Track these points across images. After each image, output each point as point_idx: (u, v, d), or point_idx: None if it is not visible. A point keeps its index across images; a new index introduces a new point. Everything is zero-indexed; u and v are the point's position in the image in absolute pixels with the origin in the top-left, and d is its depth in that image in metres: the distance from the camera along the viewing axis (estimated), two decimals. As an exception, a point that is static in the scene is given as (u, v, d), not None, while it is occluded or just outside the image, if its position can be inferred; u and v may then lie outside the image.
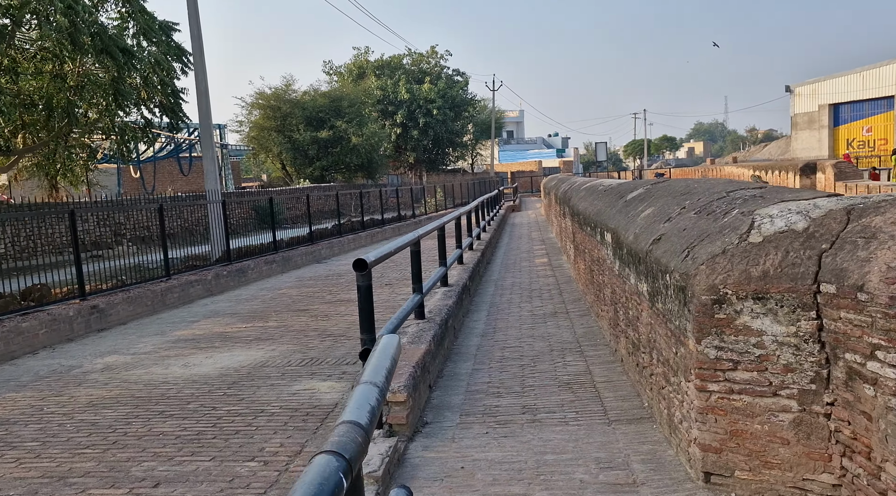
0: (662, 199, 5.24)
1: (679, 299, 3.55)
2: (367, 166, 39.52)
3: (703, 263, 3.34)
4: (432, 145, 49.57)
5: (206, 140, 13.93)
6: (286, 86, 38.23)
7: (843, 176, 23.83)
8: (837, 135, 49.62)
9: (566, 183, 14.77)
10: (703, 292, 3.23)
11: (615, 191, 7.34)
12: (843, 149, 48.79)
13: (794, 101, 52.32)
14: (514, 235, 18.85)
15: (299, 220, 22.29)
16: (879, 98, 46.13)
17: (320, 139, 36.57)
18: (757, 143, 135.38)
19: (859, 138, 48.24)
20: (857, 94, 47.34)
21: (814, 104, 50.75)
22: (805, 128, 51.56)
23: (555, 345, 6.38)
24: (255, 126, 38.04)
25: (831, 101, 49.24)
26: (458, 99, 49.13)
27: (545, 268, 11.61)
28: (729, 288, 3.15)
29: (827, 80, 49.82)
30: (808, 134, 51.33)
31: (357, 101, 39.22)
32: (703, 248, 3.47)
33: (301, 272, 14.12)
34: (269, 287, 12.16)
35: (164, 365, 6.73)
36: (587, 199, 8.83)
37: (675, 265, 3.65)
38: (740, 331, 3.13)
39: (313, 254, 15.99)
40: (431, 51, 50.18)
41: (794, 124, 52.71)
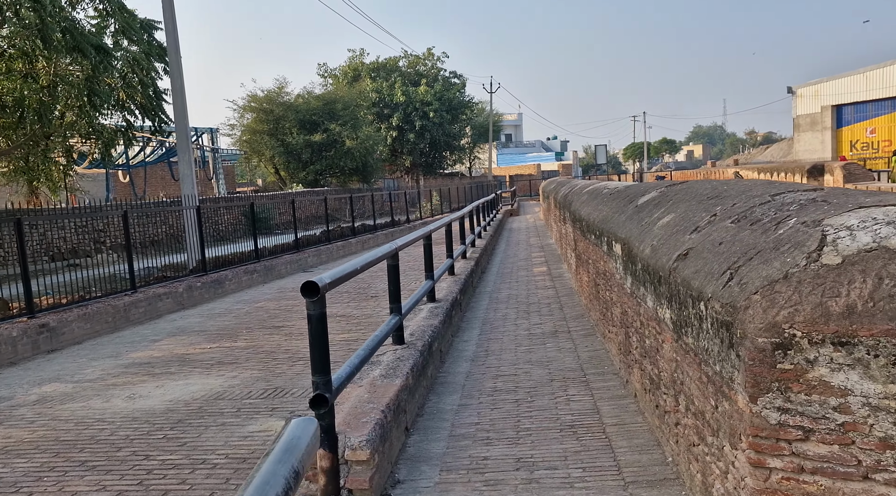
0: (684, 204, 4.38)
1: (721, 337, 2.68)
2: (362, 170, 38.69)
3: (756, 292, 2.47)
4: (429, 148, 48.73)
5: (182, 142, 13.07)
6: (279, 88, 37.42)
7: (853, 178, 22.98)
8: (841, 136, 48.86)
9: (566, 186, 13.91)
10: (760, 332, 2.36)
11: (623, 194, 6.47)
12: (847, 150, 48.02)
13: (796, 103, 51.52)
14: (512, 241, 17.98)
15: (291, 227, 21.45)
16: (884, 99, 45.38)
17: (314, 142, 35.75)
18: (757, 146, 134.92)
19: (863, 140, 47.49)
20: (861, 95, 46.57)
21: (816, 105, 49.97)
22: (808, 129, 50.76)
23: (555, 374, 5.50)
24: (247, 129, 37.22)
25: (834, 103, 48.49)
26: (456, 101, 48.30)
27: (544, 279, 10.73)
28: (797, 328, 2.28)
29: (830, 81, 49.07)
30: (811, 136, 50.54)
31: (351, 104, 38.39)
32: (755, 271, 2.59)
33: (284, 282, 13.24)
34: (246, 299, 11.28)
35: (107, 396, 5.85)
36: (590, 203, 7.97)
37: (714, 291, 2.78)
38: (814, 389, 2.26)
39: (299, 262, 15.11)
40: (428, 53, 49.39)
41: (796, 126, 51.90)
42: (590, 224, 7.15)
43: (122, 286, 9.95)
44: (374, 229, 20.96)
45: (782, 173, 27.60)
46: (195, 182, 13.24)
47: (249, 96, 36.94)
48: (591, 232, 6.94)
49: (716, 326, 2.75)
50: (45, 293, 9.41)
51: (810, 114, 50.52)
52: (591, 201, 8.00)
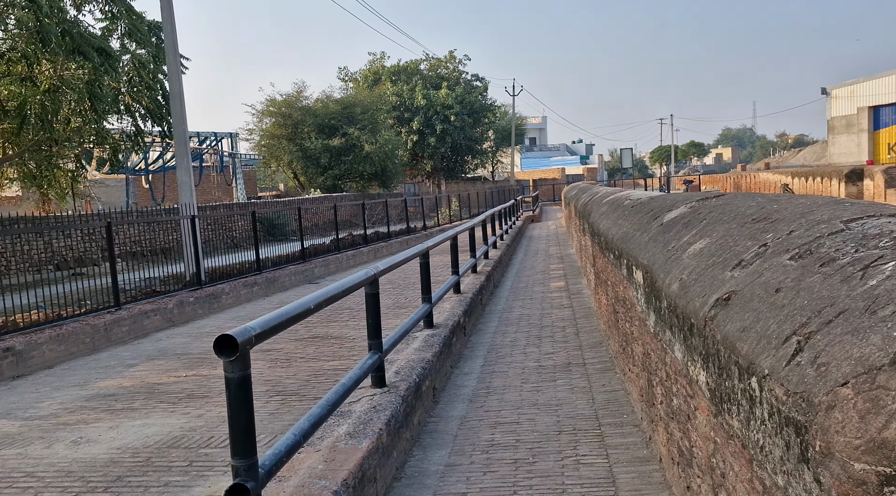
0: (721, 227, 3.50)
1: (787, 440, 1.82)
2: (382, 175, 38.05)
3: (845, 382, 1.60)
4: (450, 153, 47.98)
5: (181, 147, 12.44)
6: (298, 92, 36.99)
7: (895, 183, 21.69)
8: (878, 139, 47.00)
9: (587, 194, 12.99)
10: (857, 453, 1.50)
11: (646, 208, 5.59)
12: (885, 153, 46.20)
13: (830, 104, 49.75)
14: (530, 251, 17.08)
15: (307, 233, 20.77)
16: (923, 99, 43.53)
17: (332, 147, 35.20)
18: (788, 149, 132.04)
19: (902, 142, 45.60)
20: (900, 95, 44.71)
21: (852, 107, 48.17)
22: (843, 132, 48.96)
23: (565, 423, 4.64)
24: (266, 134, 36.85)
25: (871, 104, 46.67)
26: (477, 105, 47.49)
27: (561, 296, 9.84)
28: (922, 454, 1.42)
29: (866, 81, 47.27)
30: (847, 138, 48.73)
31: (371, 108, 37.82)
32: (839, 345, 1.73)
33: (286, 295, 12.53)
34: (243, 315, 10.56)
35: (51, 440, 5.12)
36: (610, 216, 7.08)
37: (774, 368, 1.92)
38: (952, 556, 1.40)
39: (304, 273, 14.40)
40: (450, 55, 48.71)
41: (830, 128, 50.11)
42: (608, 241, 6.27)
43: (105, 302, 9.29)
44: (387, 237, 20.21)
45: (817, 178, 26.30)
46: (193, 189, 12.61)
47: (268, 100, 36.58)
48: (610, 250, 6.06)
49: (778, 420, 1.88)
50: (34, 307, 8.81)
51: (845, 116, 48.73)
52: (611, 213, 7.12)
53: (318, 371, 6.74)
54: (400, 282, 12.16)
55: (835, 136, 49.67)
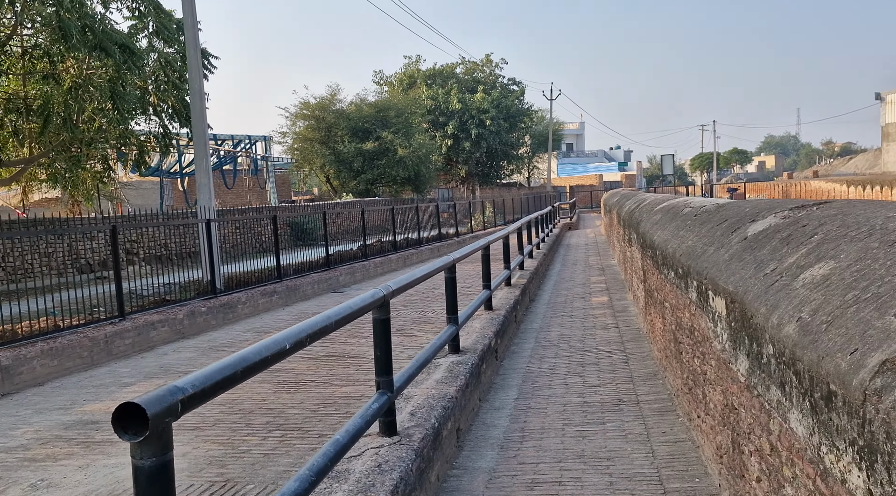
0: (850, 246, 2.54)
1: None
2: (415, 180, 37.36)
3: None
4: (485, 158, 47.10)
5: (200, 147, 11.80)
6: (331, 95, 36.52)
7: (966, 192, 20.06)
8: (937, 146, 44.68)
9: (631, 200, 11.97)
10: None
11: (718, 217, 4.62)
12: (944, 162, 43.85)
13: (885, 110, 47.51)
14: (569, 261, 16.07)
15: (339, 238, 20.06)
16: None
17: (365, 151, 34.63)
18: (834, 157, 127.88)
19: (963, 150, 43.23)
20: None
21: (909, 112, 45.91)
22: (898, 139, 46.71)
23: (620, 486, 3.71)
24: (299, 137, 36.46)
25: (930, 109, 44.41)
26: (514, 109, 46.52)
27: (604, 313, 8.86)
28: None
29: (924, 85, 44.91)
30: (903, 145, 46.44)
31: (405, 111, 37.19)
32: None
33: (307, 305, 11.78)
34: (257, 328, 9.83)
35: (8, 481, 4.38)
36: (666, 226, 6.11)
37: None
38: None
39: (328, 281, 13.64)
40: (486, 59, 47.86)
41: (885, 135, 47.87)
42: (666, 255, 5.31)
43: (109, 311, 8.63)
44: (418, 244, 19.40)
45: (876, 186, 24.69)
46: (212, 192, 11.95)
47: (301, 103, 36.16)
48: (669, 267, 5.09)
49: None
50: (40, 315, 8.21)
51: (902, 122, 46.46)
52: (668, 223, 6.14)
53: (327, 399, 5.92)
54: (428, 294, 11.31)
55: (890, 144, 47.41)
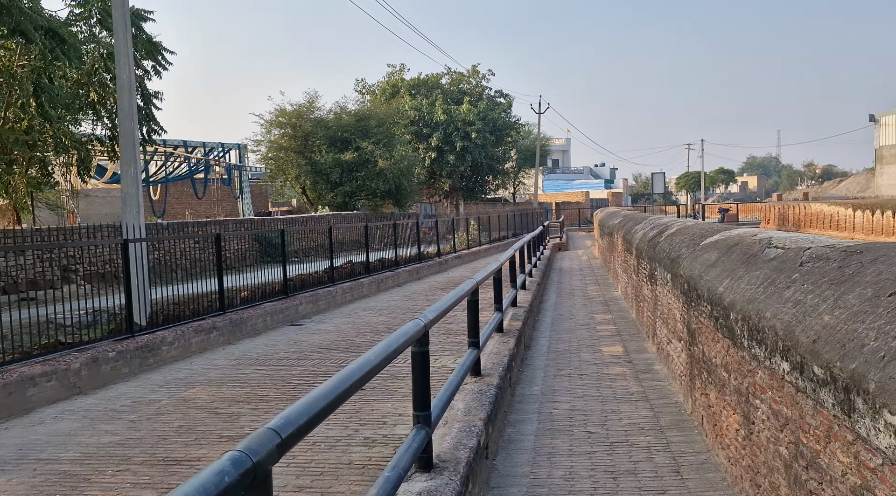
0: None
1: None
2: (396, 193, 35.37)
3: None
4: (470, 172, 45.28)
5: (128, 151, 9.72)
6: (309, 102, 34.45)
7: None
8: (932, 170, 43.65)
9: (646, 225, 10.08)
10: None
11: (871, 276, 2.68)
12: (939, 186, 42.82)
13: (879, 132, 46.50)
14: (564, 291, 14.14)
15: (310, 256, 17.79)
16: None
17: (343, 162, 32.58)
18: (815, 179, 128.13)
19: (960, 175, 42.21)
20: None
21: (904, 135, 44.90)
22: (892, 162, 45.63)
23: None
24: (273, 146, 34.32)
25: (925, 132, 43.41)
26: (500, 122, 44.84)
27: (623, 372, 6.92)
28: None
29: (920, 108, 44.00)
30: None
31: (387, 121, 35.28)
32: None
33: (254, 344, 9.71)
34: (181, 378, 7.75)
35: None
36: (740, 274, 4.19)
37: None
38: None
39: (285, 312, 11.59)
40: (473, 70, 46.19)
41: (878, 158, 46.81)
42: (763, 328, 3.38)
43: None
44: (394, 265, 17.38)
45: (888, 211, 23.12)
46: (141, 205, 9.86)
47: (277, 110, 34.04)
48: (777, 350, 3.15)
49: None
50: None
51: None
52: (741, 271, 4.22)
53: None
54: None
55: (883, 167, 46.35)
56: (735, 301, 3.89)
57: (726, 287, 4.20)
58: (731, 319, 3.92)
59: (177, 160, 38.10)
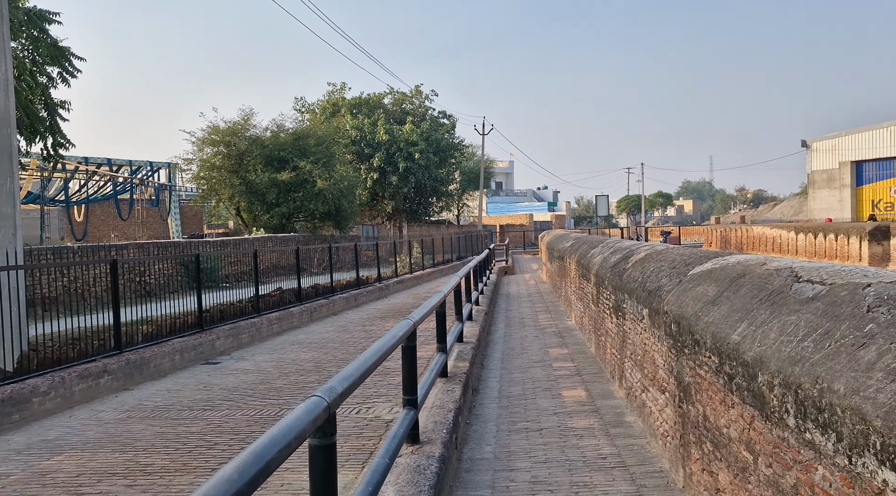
0: None
1: None
2: (336, 215, 33.91)
3: None
4: (414, 193, 44.23)
5: (2, 162, 8.18)
6: (244, 119, 32.75)
7: (933, 243, 18.50)
8: (861, 195, 45.09)
9: (604, 249, 9.12)
10: None
11: None
12: (868, 210, 44.23)
13: (811, 158, 47.85)
14: (513, 319, 13.08)
15: (245, 280, 16.11)
16: (910, 155, 41.80)
17: (280, 182, 30.97)
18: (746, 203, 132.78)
19: (886, 199, 43.67)
20: (885, 150, 42.95)
21: (834, 161, 46.30)
22: (824, 186, 46.93)
23: None
24: (205, 165, 32.40)
25: (854, 158, 44.84)
26: (444, 143, 44.05)
27: (590, 425, 5.82)
28: None
29: (849, 135, 45.58)
30: (828, 193, 46.69)
31: (326, 140, 33.92)
32: None
33: (157, 388, 8.23)
34: (48, 441, 6.25)
35: None
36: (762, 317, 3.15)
37: None
38: None
39: (199, 348, 10.11)
40: (416, 90, 45.36)
41: (811, 182, 48.09)
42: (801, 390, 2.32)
43: None
44: (330, 291, 16.01)
45: (830, 234, 23.16)
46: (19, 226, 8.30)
47: (210, 127, 32.19)
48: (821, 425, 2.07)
49: None
50: None
51: (827, 169, 46.79)
52: (755, 307, 3.18)
53: None
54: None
55: (816, 191, 47.60)
56: (765, 357, 2.83)
57: (744, 335, 3.14)
58: (759, 382, 2.86)
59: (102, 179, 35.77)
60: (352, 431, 5.90)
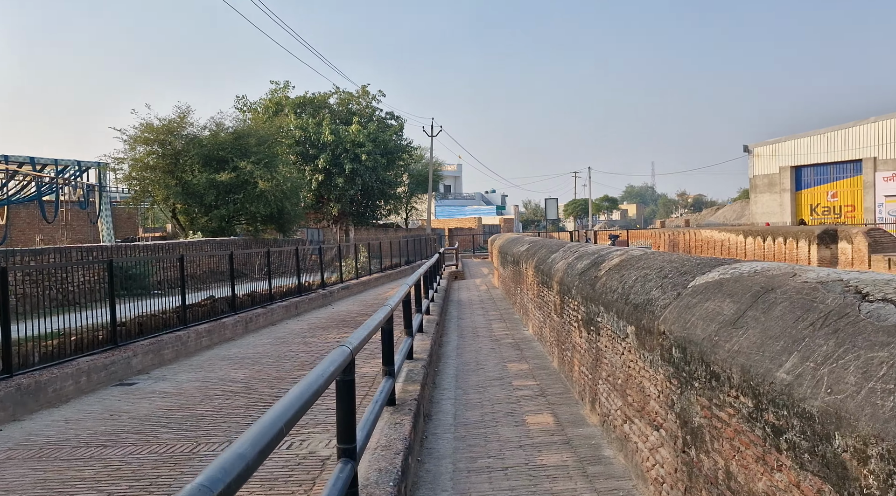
0: None
1: None
2: (279, 218, 32.48)
3: None
4: (361, 196, 43.01)
5: None
6: (180, 117, 30.93)
7: (881, 247, 18.55)
8: (800, 199, 46.15)
9: (566, 253, 8.32)
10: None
11: None
12: (807, 214, 45.30)
13: (752, 162, 48.76)
14: (466, 329, 12.20)
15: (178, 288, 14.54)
16: (846, 161, 42.93)
17: (219, 183, 29.35)
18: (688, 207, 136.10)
19: (824, 204, 44.77)
20: (822, 156, 44.05)
21: (774, 166, 47.30)
22: (765, 191, 47.88)
23: None
24: (137, 164, 30.45)
25: (793, 164, 45.86)
26: (392, 144, 43.01)
27: (563, 461, 4.97)
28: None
29: (788, 140, 46.64)
30: (769, 197, 47.65)
31: (268, 140, 32.46)
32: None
33: (50, 420, 7.00)
34: None
35: None
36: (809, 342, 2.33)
37: None
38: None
39: (111, 367, 8.87)
40: (363, 90, 44.20)
41: (752, 187, 48.98)
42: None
43: None
44: (268, 300, 14.82)
45: (779, 237, 23.17)
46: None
47: (143, 125, 30.25)
48: None
49: None
50: None
51: (768, 174, 47.77)
52: (809, 334, 2.36)
53: None
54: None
55: (757, 195, 48.50)
56: (845, 412, 2.00)
57: (798, 374, 2.31)
58: (835, 447, 2.02)
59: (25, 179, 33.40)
60: (279, 474, 4.90)
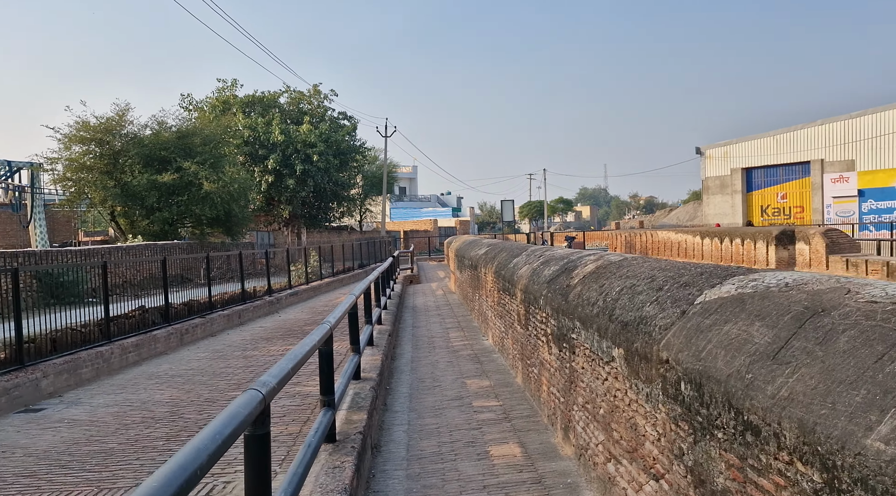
0: None
1: None
2: (226, 220, 31.05)
3: None
4: (313, 198, 41.74)
5: None
6: (119, 115, 29.25)
7: (838, 248, 18.45)
8: (751, 200, 46.81)
9: (530, 258, 7.58)
10: None
11: None
12: (758, 215, 46.00)
13: (704, 164, 49.28)
14: (422, 340, 11.36)
15: (119, 293, 13.22)
16: (795, 163, 43.70)
17: (161, 184, 27.84)
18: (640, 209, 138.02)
19: (774, 205, 45.50)
20: (772, 158, 44.74)
21: (726, 168, 47.88)
22: (717, 192, 48.42)
23: None
24: (72, 164, 28.66)
25: (744, 165, 46.50)
26: (345, 145, 41.88)
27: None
28: None
29: (739, 142, 47.26)
30: (721, 199, 48.20)
31: (214, 139, 31.02)
32: None
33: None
34: None
35: None
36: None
37: None
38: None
39: (15, 391, 7.75)
40: (314, 89, 42.95)
41: (705, 188, 49.48)
42: None
43: None
44: (208, 309, 13.70)
45: (736, 238, 23.03)
46: None
47: (79, 123, 28.45)
48: None
49: None
50: None
51: (720, 176, 48.32)
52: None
53: None
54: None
55: (710, 196, 49.00)
56: None
57: (904, 443, 1.56)
58: None
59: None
60: None
